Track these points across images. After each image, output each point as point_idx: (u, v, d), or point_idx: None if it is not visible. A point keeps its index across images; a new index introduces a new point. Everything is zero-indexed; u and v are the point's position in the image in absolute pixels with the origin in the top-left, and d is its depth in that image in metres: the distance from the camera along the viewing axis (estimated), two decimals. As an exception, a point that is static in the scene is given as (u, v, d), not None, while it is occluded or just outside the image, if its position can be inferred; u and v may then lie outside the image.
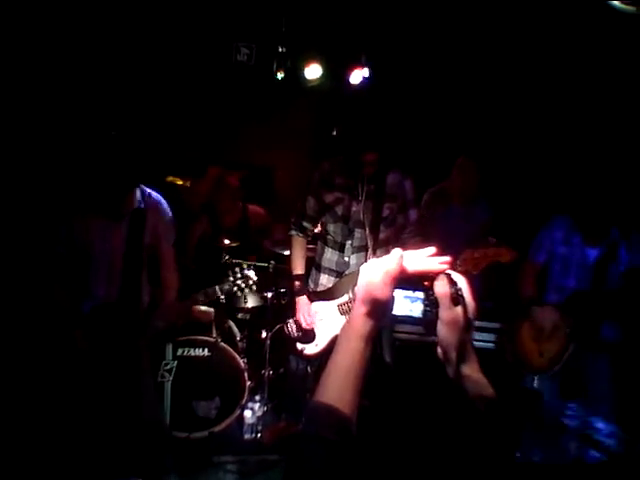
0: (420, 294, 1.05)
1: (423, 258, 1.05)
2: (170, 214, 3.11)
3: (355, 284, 3.15)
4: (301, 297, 3.39)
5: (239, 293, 3.23)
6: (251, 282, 3.20)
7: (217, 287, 3.14)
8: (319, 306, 3.36)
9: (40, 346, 2.86)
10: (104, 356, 2.85)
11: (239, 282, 3.18)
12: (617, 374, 3.25)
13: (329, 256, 3.40)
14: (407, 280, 1.04)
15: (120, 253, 2.94)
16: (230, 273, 3.20)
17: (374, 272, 1.03)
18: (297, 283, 3.45)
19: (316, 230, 3.66)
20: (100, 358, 2.84)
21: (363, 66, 4.89)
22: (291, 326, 3.45)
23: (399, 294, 1.05)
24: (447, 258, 1.03)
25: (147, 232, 3.00)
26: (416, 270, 1.04)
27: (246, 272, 3.19)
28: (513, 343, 3.41)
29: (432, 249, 1.06)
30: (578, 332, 3.19)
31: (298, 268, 3.48)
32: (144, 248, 3.01)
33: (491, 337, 3.73)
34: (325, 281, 3.42)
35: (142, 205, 2.98)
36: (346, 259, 3.35)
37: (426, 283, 1.04)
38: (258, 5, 2.70)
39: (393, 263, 1.03)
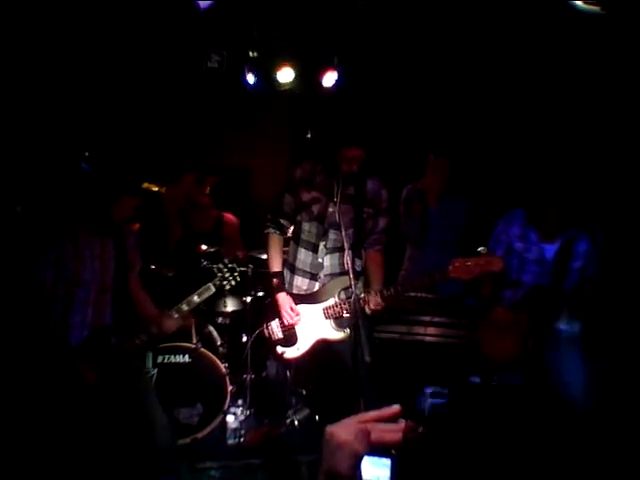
0: (387, 461, 1.05)
1: (387, 428, 1.02)
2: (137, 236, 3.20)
3: (342, 288, 3.19)
4: (281, 294, 3.38)
5: (228, 287, 3.25)
6: (236, 273, 3.24)
7: (210, 283, 3.14)
8: (302, 309, 3.35)
9: (43, 383, 2.72)
10: (108, 383, 2.81)
11: (227, 275, 3.21)
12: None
13: (303, 257, 3.41)
14: (374, 448, 1.01)
15: (108, 273, 2.93)
16: (216, 270, 3.23)
17: (340, 454, 0.99)
18: (275, 280, 3.44)
19: (289, 232, 3.67)
20: (107, 388, 2.79)
21: (335, 68, 4.92)
22: (272, 328, 3.44)
23: (366, 460, 1.03)
24: (403, 424, 1.01)
25: (129, 250, 3.06)
26: (380, 441, 1.01)
27: (230, 265, 3.23)
28: (476, 338, 3.44)
29: (397, 407, 1.03)
30: (535, 328, 3.19)
31: (276, 266, 3.48)
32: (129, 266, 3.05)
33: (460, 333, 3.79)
34: (299, 283, 3.42)
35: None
36: (320, 260, 3.37)
37: (393, 452, 1.04)
38: (228, 11, 2.72)
39: (360, 444, 0.99)
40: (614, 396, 3.29)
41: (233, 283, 3.25)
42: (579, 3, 2.44)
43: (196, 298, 3.11)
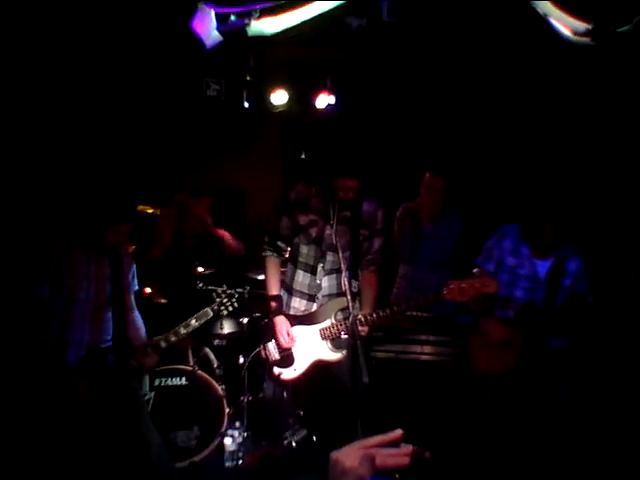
0: None
1: (391, 453, 1.04)
2: (132, 258, 3.22)
3: (339, 309, 3.21)
4: (278, 317, 3.39)
5: (225, 312, 3.29)
6: (234, 299, 3.28)
7: (208, 308, 3.16)
8: (299, 330, 3.36)
9: (37, 396, 2.73)
10: (104, 402, 2.82)
11: (225, 301, 3.24)
12: (570, 382, 3.29)
13: (301, 279, 3.43)
14: (378, 472, 1.04)
15: (104, 294, 2.95)
16: (215, 295, 3.26)
17: (343, 479, 1.02)
18: (273, 304, 3.45)
19: (286, 254, 3.70)
20: (102, 406, 2.80)
21: (329, 90, 4.99)
22: (269, 349, 3.44)
23: None
24: (410, 449, 1.03)
25: (125, 272, 3.08)
26: (384, 466, 1.03)
27: (228, 291, 3.27)
28: (467, 352, 3.45)
29: (399, 432, 1.06)
30: (528, 344, 3.21)
31: (273, 289, 3.49)
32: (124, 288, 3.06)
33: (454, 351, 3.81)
34: (297, 304, 3.44)
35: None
36: (318, 281, 3.39)
37: (396, 476, 1.07)
38: (226, 42, 2.81)
39: (365, 470, 1.01)
40: (601, 410, 3.32)
41: (231, 309, 3.29)
42: (570, 35, 2.51)
43: (194, 322, 3.13)
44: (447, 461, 3.02)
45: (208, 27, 2.75)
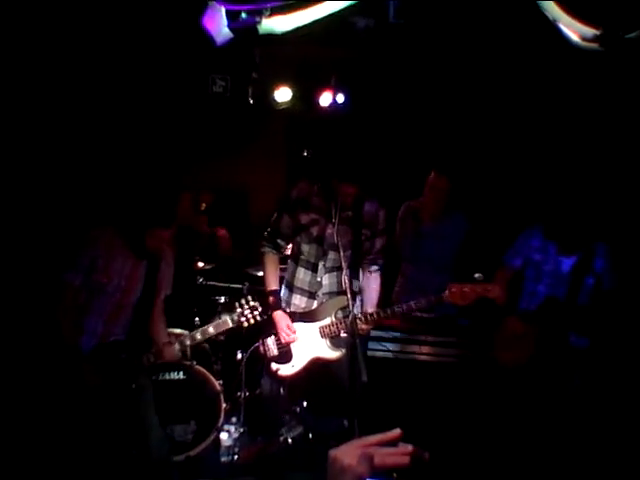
0: None
1: (390, 452, 1.04)
2: (173, 264, 3.24)
3: (339, 308, 3.22)
4: (277, 312, 3.40)
5: (245, 324, 3.26)
6: (257, 313, 3.26)
7: (228, 317, 3.18)
8: (299, 327, 3.37)
9: (45, 377, 2.82)
10: (111, 393, 2.86)
11: (247, 313, 3.24)
12: (584, 381, 3.32)
13: (302, 276, 3.44)
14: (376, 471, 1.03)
15: (133, 293, 2.99)
16: (237, 305, 3.25)
17: (343, 478, 1.01)
18: (272, 299, 3.45)
19: (287, 251, 3.71)
20: (107, 395, 2.84)
21: (333, 88, 4.99)
22: (268, 345, 3.45)
23: None
24: (410, 448, 1.03)
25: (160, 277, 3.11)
26: (383, 465, 1.02)
27: (252, 303, 3.25)
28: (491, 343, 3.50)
29: (397, 431, 1.06)
30: (545, 340, 3.26)
31: (272, 284, 3.49)
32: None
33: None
34: (297, 301, 3.45)
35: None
36: (319, 279, 3.40)
37: (394, 475, 1.07)
38: (236, 39, 2.83)
39: (363, 468, 1.01)
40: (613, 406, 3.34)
41: (252, 322, 3.26)
42: (578, 41, 2.52)
43: (211, 329, 3.15)
44: (444, 461, 3.03)
45: (219, 24, 2.75)
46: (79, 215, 3.49)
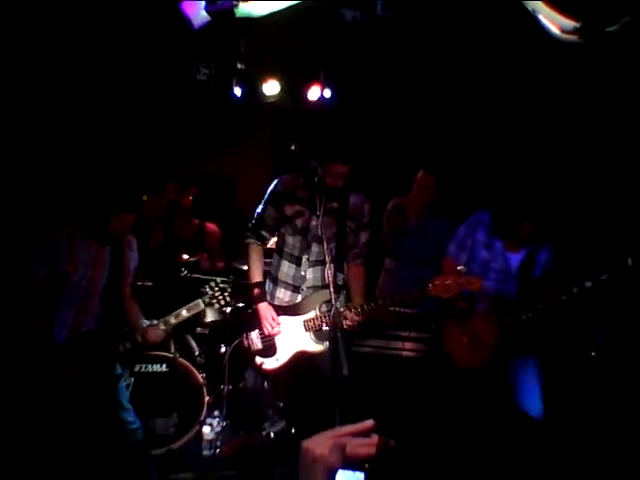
0: (360, 475, 1.08)
1: (361, 442, 1.04)
2: (136, 251, 3.24)
3: (323, 301, 3.20)
4: (262, 304, 3.38)
5: (217, 305, 3.25)
6: (227, 293, 3.24)
7: (200, 300, 3.15)
8: (283, 320, 3.36)
9: (23, 370, 2.78)
10: (86, 383, 2.85)
11: (217, 294, 3.21)
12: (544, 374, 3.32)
13: (286, 270, 3.42)
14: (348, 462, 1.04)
15: (99, 280, 2.98)
16: (207, 287, 3.22)
17: (315, 468, 1.02)
18: (256, 290, 3.43)
19: (270, 243, 3.69)
20: (82, 385, 2.84)
21: (321, 82, 4.98)
22: (252, 338, 3.42)
23: (340, 474, 1.05)
24: (376, 439, 1.03)
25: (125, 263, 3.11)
26: (354, 455, 1.03)
27: (221, 285, 3.23)
28: (443, 342, 3.47)
29: (370, 422, 1.06)
30: (505, 337, 3.25)
31: (257, 276, 3.47)
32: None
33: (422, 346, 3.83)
34: (281, 295, 3.43)
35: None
36: (302, 273, 3.39)
37: (366, 466, 1.07)
38: (217, 26, 2.79)
39: (335, 458, 1.01)
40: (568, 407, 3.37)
41: (223, 303, 3.24)
42: (558, 33, 2.52)
43: (185, 312, 3.12)
44: (418, 452, 3.05)
45: (196, 7, 2.72)
46: (46, 204, 3.46)
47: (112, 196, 2.95)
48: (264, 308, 3.37)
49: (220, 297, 3.21)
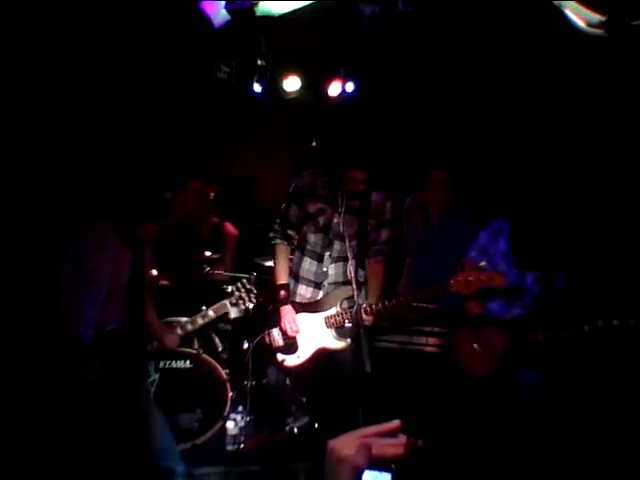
0: (387, 476, 1.07)
1: (388, 443, 1.03)
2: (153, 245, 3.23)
3: (344, 298, 3.19)
4: (285, 306, 3.39)
5: (243, 307, 3.29)
6: (253, 295, 3.26)
7: (226, 301, 3.17)
8: (304, 317, 3.37)
9: (49, 372, 2.80)
10: (114, 386, 2.85)
11: (244, 295, 3.22)
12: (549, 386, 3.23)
13: (307, 266, 3.44)
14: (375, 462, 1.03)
15: (122, 278, 2.99)
16: (234, 288, 3.24)
17: (341, 468, 1.01)
18: (282, 292, 3.44)
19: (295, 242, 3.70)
20: (110, 388, 2.84)
21: (342, 78, 4.96)
22: (273, 335, 3.45)
23: (366, 475, 1.03)
24: (404, 439, 1.02)
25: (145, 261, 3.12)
26: (381, 456, 1.02)
27: (248, 286, 3.24)
28: (453, 347, 3.42)
29: (397, 422, 1.05)
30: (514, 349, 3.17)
31: (282, 277, 3.48)
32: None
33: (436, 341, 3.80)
34: (303, 291, 3.45)
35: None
36: (324, 269, 3.40)
37: (393, 466, 1.05)
38: (237, 24, 2.80)
39: (361, 459, 1.01)
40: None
41: (250, 305, 3.27)
42: (583, 26, 2.48)
43: (211, 313, 3.15)
44: (444, 451, 3.03)
45: (216, 7, 2.73)
46: (75, 208, 3.50)
47: (143, 208, 2.98)
48: (286, 311, 3.38)
49: (247, 298, 3.23)
